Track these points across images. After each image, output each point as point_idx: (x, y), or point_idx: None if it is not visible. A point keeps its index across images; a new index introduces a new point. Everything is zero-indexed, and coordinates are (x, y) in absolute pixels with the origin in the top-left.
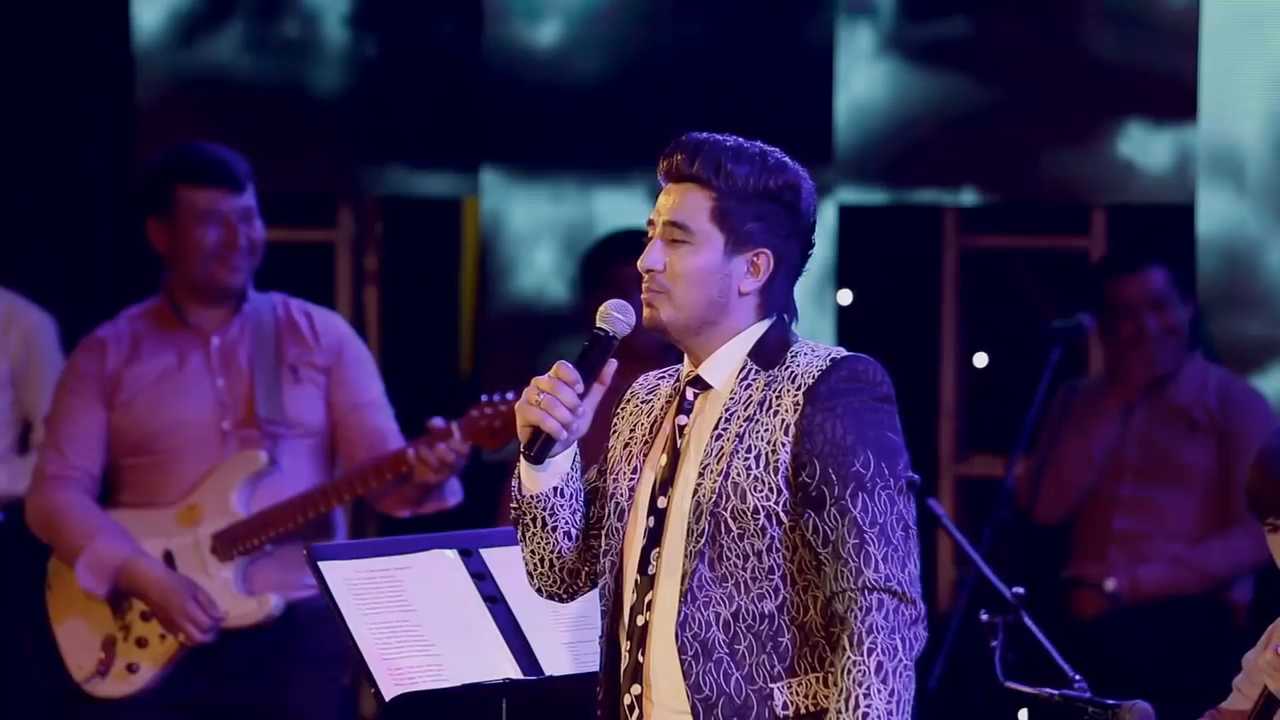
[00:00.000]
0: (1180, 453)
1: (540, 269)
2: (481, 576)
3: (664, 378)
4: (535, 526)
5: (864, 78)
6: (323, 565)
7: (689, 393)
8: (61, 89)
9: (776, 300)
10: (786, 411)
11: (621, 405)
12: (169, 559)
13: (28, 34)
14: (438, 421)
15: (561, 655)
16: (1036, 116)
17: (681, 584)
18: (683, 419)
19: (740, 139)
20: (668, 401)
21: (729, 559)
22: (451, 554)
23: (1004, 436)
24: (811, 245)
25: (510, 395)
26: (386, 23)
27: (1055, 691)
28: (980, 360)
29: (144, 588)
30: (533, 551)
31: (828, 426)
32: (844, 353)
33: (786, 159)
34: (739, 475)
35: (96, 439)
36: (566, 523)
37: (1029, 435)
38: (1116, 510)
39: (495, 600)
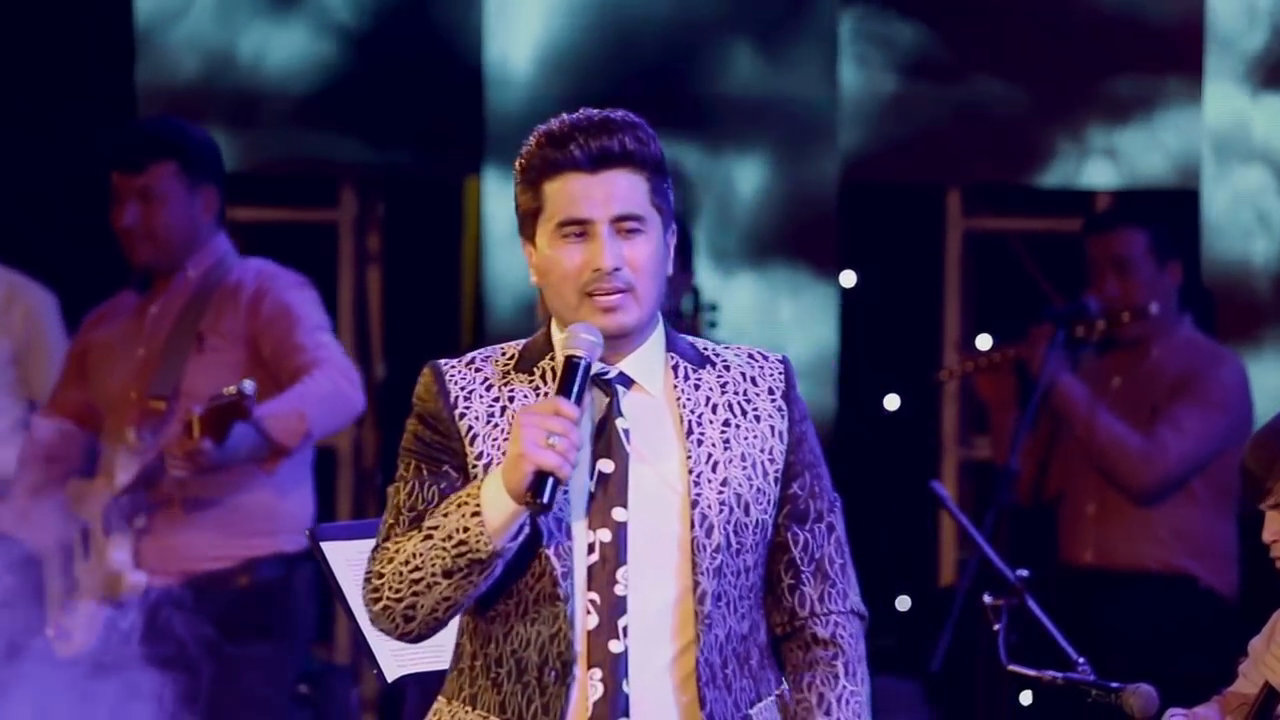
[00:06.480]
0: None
1: None
2: None
3: (489, 362)
4: (478, 576)
5: (867, 59)
6: (325, 546)
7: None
8: (63, 67)
9: None
10: (771, 417)
11: (458, 403)
12: (85, 535)
13: (29, 9)
14: (196, 409)
15: None
16: (1042, 97)
17: (699, 605)
18: (623, 422)
19: (609, 110)
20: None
21: (725, 576)
22: None
23: None
24: None
25: (233, 389)
26: (390, 3)
27: (1058, 674)
28: (984, 342)
29: None
30: (451, 600)
31: (809, 435)
32: (766, 350)
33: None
34: (740, 486)
35: (68, 406)
36: None
37: (1032, 418)
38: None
39: None
